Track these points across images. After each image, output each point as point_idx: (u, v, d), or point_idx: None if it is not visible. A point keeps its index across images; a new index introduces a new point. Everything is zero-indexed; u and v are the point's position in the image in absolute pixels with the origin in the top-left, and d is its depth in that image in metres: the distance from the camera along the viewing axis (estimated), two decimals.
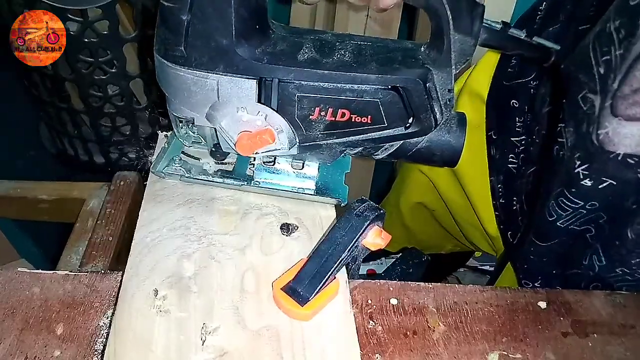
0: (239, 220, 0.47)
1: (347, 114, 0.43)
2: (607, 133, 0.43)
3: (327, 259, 0.41)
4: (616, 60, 0.42)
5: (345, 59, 0.42)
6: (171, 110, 0.46)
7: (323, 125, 0.44)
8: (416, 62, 0.43)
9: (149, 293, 0.40)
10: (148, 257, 0.43)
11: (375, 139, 0.45)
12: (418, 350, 0.41)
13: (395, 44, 0.45)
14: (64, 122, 1.26)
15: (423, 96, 0.42)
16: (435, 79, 0.43)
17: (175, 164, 0.51)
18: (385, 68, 0.42)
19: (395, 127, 0.44)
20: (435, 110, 0.44)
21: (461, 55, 0.42)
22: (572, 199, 0.48)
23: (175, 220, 0.46)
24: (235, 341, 0.37)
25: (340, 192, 0.50)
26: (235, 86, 0.42)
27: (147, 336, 0.37)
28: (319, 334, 0.39)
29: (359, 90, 0.42)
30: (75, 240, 0.89)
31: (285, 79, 0.41)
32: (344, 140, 0.45)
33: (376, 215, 0.42)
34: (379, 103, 0.42)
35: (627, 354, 0.43)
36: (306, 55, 0.42)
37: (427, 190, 0.88)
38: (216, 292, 0.41)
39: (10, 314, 0.40)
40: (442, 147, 0.47)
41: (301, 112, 0.43)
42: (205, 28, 0.39)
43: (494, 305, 0.45)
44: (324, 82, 0.41)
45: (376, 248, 0.43)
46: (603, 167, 0.45)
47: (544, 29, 0.62)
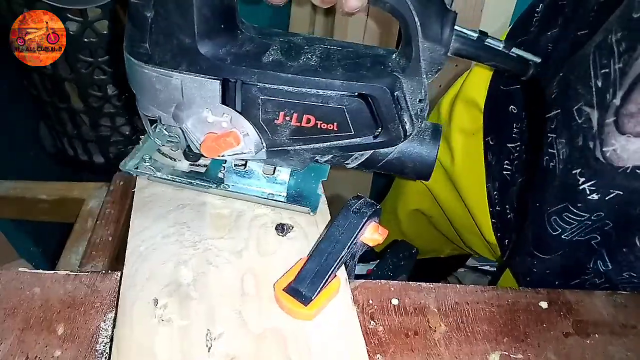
0: (233, 223, 0.47)
1: (313, 120, 0.41)
2: (614, 150, 0.42)
3: (328, 257, 0.41)
4: (615, 74, 0.41)
5: (311, 63, 0.41)
6: (140, 108, 0.45)
7: (289, 130, 0.42)
8: (385, 69, 0.41)
9: (148, 303, 0.39)
10: (144, 266, 0.42)
11: (343, 147, 0.44)
12: (419, 351, 0.41)
13: (367, 49, 0.43)
14: (64, 122, 1.26)
15: (390, 105, 0.40)
16: (405, 88, 0.41)
17: (145, 162, 0.50)
18: (351, 74, 0.40)
19: (363, 135, 0.43)
20: (405, 120, 0.42)
21: (432, 64, 0.40)
22: (577, 212, 0.47)
23: (168, 226, 0.46)
24: (241, 345, 0.37)
25: (312, 200, 0.49)
26: (198, 86, 0.41)
27: (151, 347, 0.36)
28: (323, 333, 0.39)
29: (324, 96, 0.40)
30: (75, 240, 0.89)
31: (248, 81, 0.40)
32: (311, 146, 0.44)
33: (373, 211, 0.43)
34: (345, 110, 0.41)
35: (628, 354, 0.43)
36: (271, 58, 0.41)
37: (424, 197, 0.88)
38: (217, 298, 0.40)
39: (10, 314, 0.40)
40: (413, 159, 0.45)
41: (266, 116, 0.42)
42: (168, 25, 0.39)
43: (495, 305, 0.45)
44: (288, 86, 0.40)
45: (374, 243, 0.43)
46: (611, 182, 0.44)
47: (543, 33, 0.62)
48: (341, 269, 0.42)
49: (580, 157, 0.45)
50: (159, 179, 0.50)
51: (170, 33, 0.39)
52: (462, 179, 0.77)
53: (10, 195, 0.99)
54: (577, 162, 0.46)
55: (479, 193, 0.74)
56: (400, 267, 0.66)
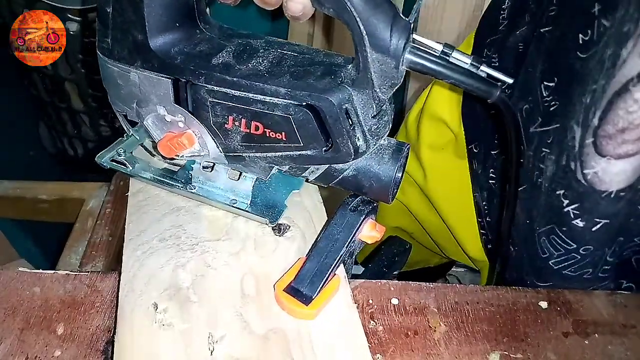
0: (230, 225, 0.47)
1: (261, 127, 0.39)
2: (596, 173, 0.41)
3: (327, 256, 0.41)
4: (598, 91, 0.38)
5: (260, 67, 0.39)
6: (110, 103, 0.46)
7: (240, 136, 0.41)
8: (334, 80, 0.37)
9: (148, 308, 0.39)
10: (142, 271, 0.41)
11: (295, 159, 0.41)
12: (419, 350, 0.41)
13: (325, 57, 0.40)
14: (64, 122, 1.26)
15: (337, 118, 0.37)
16: (356, 101, 0.37)
17: (120, 156, 0.50)
18: (298, 83, 0.37)
19: (313, 148, 0.39)
20: (356, 135, 0.39)
21: (384, 77, 0.36)
22: (564, 238, 0.45)
23: (164, 230, 0.45)
24: (243, 348, 0.37)
25: (276, 211, 0.47)
26: (153, 84, 0.40)
27: (153, 352, 0.36)
28: (325, 331, 0.39)
29: (270, 104, 0.38)
30: (75, 240, 0.89)
31: (196, 82, 0.39)
32: (263, 155, 0.42)
33: (370, 209, 0.43)
34: (292, 120, 0.38)
35: (628, 354, 0.43)
36: (221, 60, 0.39)
37: (402, 215, 0.86)
38: (217, 300, 0.40)
39: (10, 314, 0.40)
40: (370, 178, 0.42)
41: (216, 119, 0.40)
42: (123, 21, 0.39)
43: (495, 305, 0.45)
44: (234, 90, 0.38)
45: (372, 241, 0.44)
46: (595, 207, 0.42)
47: (511, 32, 0.57)
48: (340, 267, 0.43)
49: (563, 178, 0.43)
50: (128, 173, 0.50)
51: (126, 29, 0.39)
52: (437, 195, 0.75)
53: (10, 195, 0.99)
54: (560, 182, 0.44)
55: (457, 208, 0.72)
56: (395, 262, 0.66)
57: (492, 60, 0.61)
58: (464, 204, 0.72)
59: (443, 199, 0.75)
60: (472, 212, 0.71)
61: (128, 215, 0.47)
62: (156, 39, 0.39)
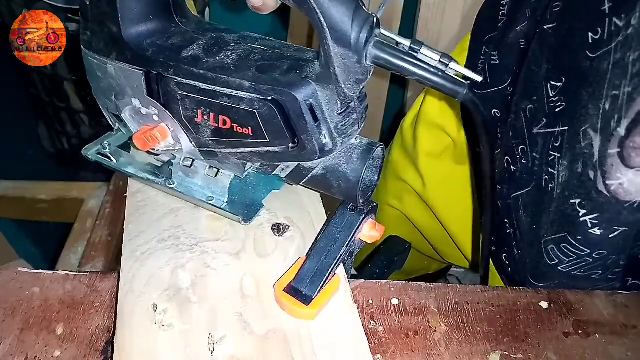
0: (229, 225, 0.46)
1: (229, 122, 0.39)
2: (621, 184, 0.39)
3: (327, 255, 0.41)
4: (623, 98, 0.36)
5: (227, 61, 0.38)
6: (95, 97, 0.46)
7: (209, 130, 0.40)
8: (299, 74, 0.37)
9: (148, 309, 0.39)
10: (141, 272, 0.41)
11: (264, 155, 0.41)
12: (419, 351, 0.40)
13: (295, 52, 0.39)
14: (63, 122, 1.26)
15: (300, 114, 0.36)
16: (321, 97, 0.36)
17: (105, 150, 0.50)
18: (262, 76, 0.37)
19: (279, 145, 0.39)
20: (322, 132, 0.38)
21: (348, 72, 0.35)
22: (577, 246, 0.44)
23: (163, 230, 0.45)
24: (244, 348, 0.37)
25: (252, 210, 0.46)
26: (127, 76, 0.41)
27: (153, 353, 0.36)
28: (326, 331, 0.39)
29: (236, 97, 0.37)
30: (75, 240, 0.89)
31: (165, 74, 0.39)
32: (233, 151, 0.41)
33: (370, 208, 0.42)
34: (257, 115, 0.37)
35: (628, 354, 0.42)
36: (191, 53, 0.39)
37: (401, 223, 0.85)
38: (217, 300, 0.40)
39: (10, 314, 0.40)
40: (338, 178, 0.41)
41: (186, 113, 0.40)
42: (99, 13, 0.40)
43: (496, 305, 0.45)
44: (201, 83, 0.38)
45: (372, 240, 0.43)
46: (616, 217, 0.40)
47: (511, 28, 0.55)
48: (340, 267, 0.42)
49: (579, 186, 0.41)
50: (111, 166, 0.50)
51: (102, 21, 0.40)
52: (436, 202, 0.74)
53: (10, 195, 0.99)
54: (576, 191, 0.42)
55: (456, 214, 0.72)
56: (394, 262, 0.66)
57: (491, 58, 0.60)
58: (464, 210, 0.71)
59: (443, 206, 0.74)
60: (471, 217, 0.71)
61: (127, 216, 0.46)
62: (129, 31, 0.39)
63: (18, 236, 1.13)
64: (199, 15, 1.08)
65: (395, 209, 0.84)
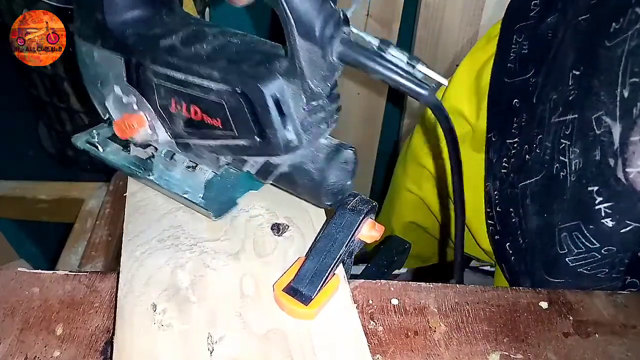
0: (229, 225, 0.46)
1: (199, 112, 0.40)
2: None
3: (326, 255, 0.40)
4: None
5: (201, 52, 0.39)
6: (86, 87, 0.47)
7: (182, 120, 0.41)
8: (268, 67, 0.37)
9: (147, 309, 0.39)
10: (140, 272, 0.41)
11: (232, 149, 0.41)
12: (419, 351, 0.40)
13: (271, 47, 0.40)
14: (63, 122, 1.26)
15: (265, 107, 0.37)
16: (287, 91, 0.37)
17: (93, 139, 0.50)
18: (231, 67, 0.37)
19: (245, 138, 0.39)
20: (287, 128, 0.38)
21: (314, 67, 0.35)
22: (588, 237, 0.44)
23: (163, 230, 0.45)
24: (243, 348, 0.37)
25: (224, 207, 0.46)
26: (109, 63, 0.42)
27: (152, 353, 0.36)
28: (325, 331, 0.38)
29: (205, 87, 0.38)
30: (75, 240, 0.89)
31: (143, 61, 0.40)
32: (205, 143, 0.42)
33: (370, 208, 0.42)
34: (225, 106, 0.38)
35: (628, 354, 0.42)
36: (168, 42, 0.40)
37: (418, 208, 0.86)
38: (216, 300, 0.40)
39: (10, 314, 0.40)
40: (303, 177, 0.41)
41: (161, 102, 0.41)
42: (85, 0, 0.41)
43: (495, 305, 0.45)
44: (175, 72, 0.39)
45: (372, 240, 0.43)
46: (630, 209, 0.40)
47: (543, 20, 0.55)
48: (339, 267, 0.42)
49: (597, 174, 0.42)
50: (98, 156, 0.50)
51: (88, 8, 0.41)
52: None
53: (10, 195, 0.99)
54: (593, 178, 0.42)
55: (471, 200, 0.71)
56: (394, 262, 0.66)
57: (522, 47, 0.60)
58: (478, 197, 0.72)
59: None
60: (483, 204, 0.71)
61: (126, 216, 0.46)
62: (113, 19, 0.41)
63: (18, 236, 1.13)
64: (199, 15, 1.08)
65: (414, 194, 0.85)
